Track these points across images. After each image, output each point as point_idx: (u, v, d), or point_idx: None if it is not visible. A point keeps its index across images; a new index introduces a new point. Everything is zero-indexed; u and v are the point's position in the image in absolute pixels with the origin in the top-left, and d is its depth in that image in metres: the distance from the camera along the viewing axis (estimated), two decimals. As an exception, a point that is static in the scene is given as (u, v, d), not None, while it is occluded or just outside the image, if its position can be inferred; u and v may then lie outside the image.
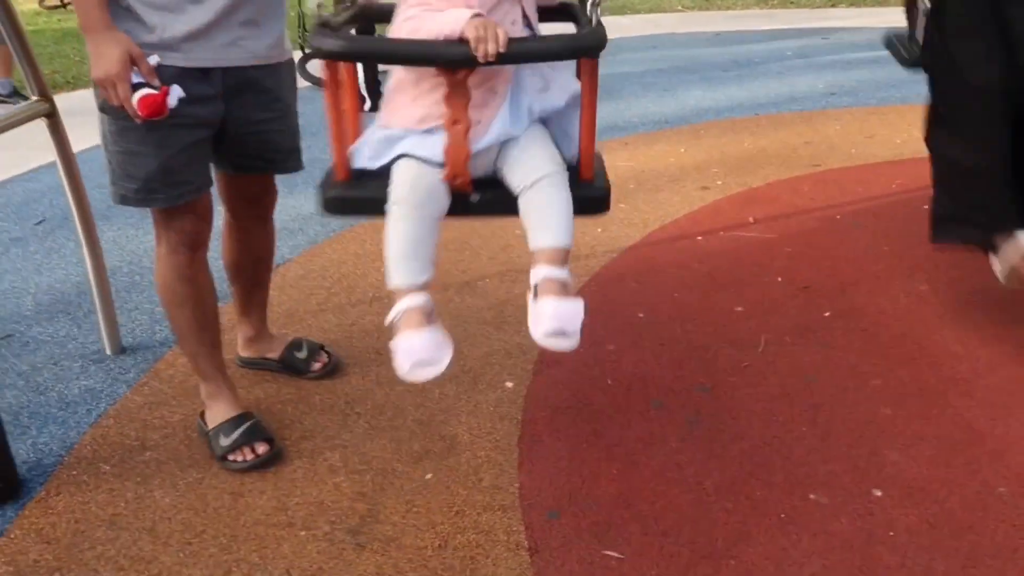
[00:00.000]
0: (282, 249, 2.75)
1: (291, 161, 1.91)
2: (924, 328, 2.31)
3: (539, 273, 1.35)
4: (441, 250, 2.94)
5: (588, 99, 1.36)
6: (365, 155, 1.46)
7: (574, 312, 1.34)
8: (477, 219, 1.83)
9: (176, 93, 1.54)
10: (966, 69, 2.03)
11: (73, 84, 6.21)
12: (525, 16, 1.44)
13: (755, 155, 3.91)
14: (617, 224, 3.10)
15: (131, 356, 2.28)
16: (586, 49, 1.33)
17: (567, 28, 1.52)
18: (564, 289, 1.34)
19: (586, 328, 2.33)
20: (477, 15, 1.27)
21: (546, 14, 1.54)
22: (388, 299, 2.53)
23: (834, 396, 2.02)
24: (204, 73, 1.63)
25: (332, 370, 2.14)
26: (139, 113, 1.50)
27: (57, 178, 2.09)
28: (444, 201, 1.40)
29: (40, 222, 3.34)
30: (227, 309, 2.16)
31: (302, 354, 2.13)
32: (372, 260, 2.88)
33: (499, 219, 2.41)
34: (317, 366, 2.12)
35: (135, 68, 1.51)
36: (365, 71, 1.65)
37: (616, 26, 8.01)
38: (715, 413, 1.97)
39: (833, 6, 9.21)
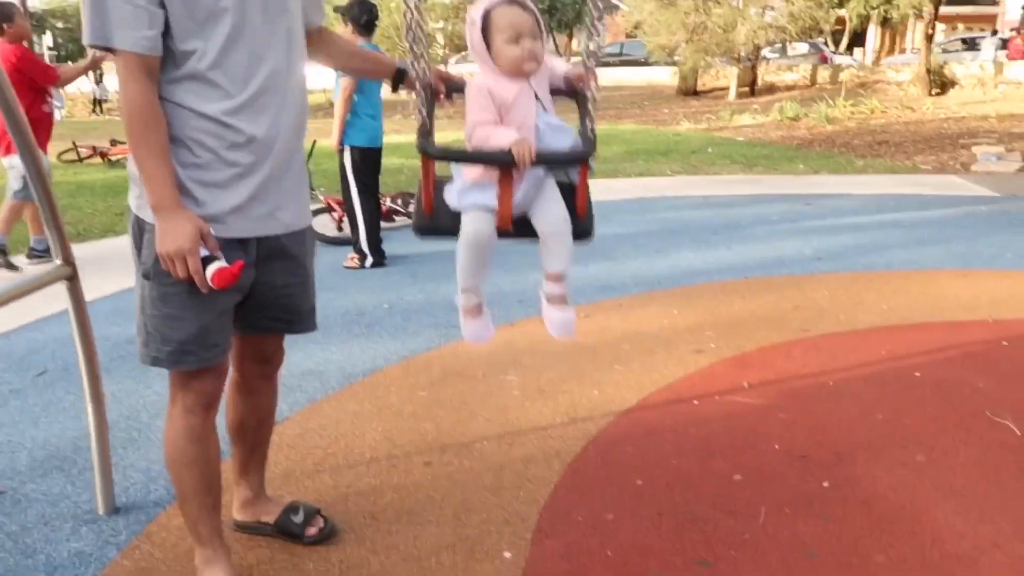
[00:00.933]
0: (281, 406, 2.74)
1: (308, 322, 1.98)
2: (923, 500, 2.31)
3: (548, 288, 2.03)
4: (440, 409, 2.97)
5: (583, 179, 1.96)
6: (452, 198, 1.97)
7: (571, 318, 2.07)
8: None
9: (218, 264, 1.63)
10: None
11: (83, 236, 6.42)
12: (540, 100, 1.92)
13: (746, 318, 4.01)
14: (613, 387, 3.14)
15: (123, 516, 2.24)
16: (582, 159, 1.93)
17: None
18: (564, 300, 2.04)
19: (585, 495, 2.32)
20: (519, 138, 1.80)
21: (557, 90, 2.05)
22: (384, 462, 2.53)
23: (837, 573, 1.99)
24: (242, 243, 1.73)
25: (327, 535, 2.11)
26: (212, 284, 1.60)
27: (60, 330, 2.15)
28: (494, 238, 1.94)
29: (41, 374, 3.37)
30: (224, 468, 2.15)
31: (298, 518, 2.10)
32: (369, 419, 2.89)
33: (499, 380, 2.44)
34: (313, 531, 2.09)
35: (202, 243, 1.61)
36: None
37: (609, 189, 8.42)
38: (717, 589, 1.93)
39: (815, 173, 9.71)
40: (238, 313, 1.82)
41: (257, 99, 1.66)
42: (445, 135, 2.23)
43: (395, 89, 2.07)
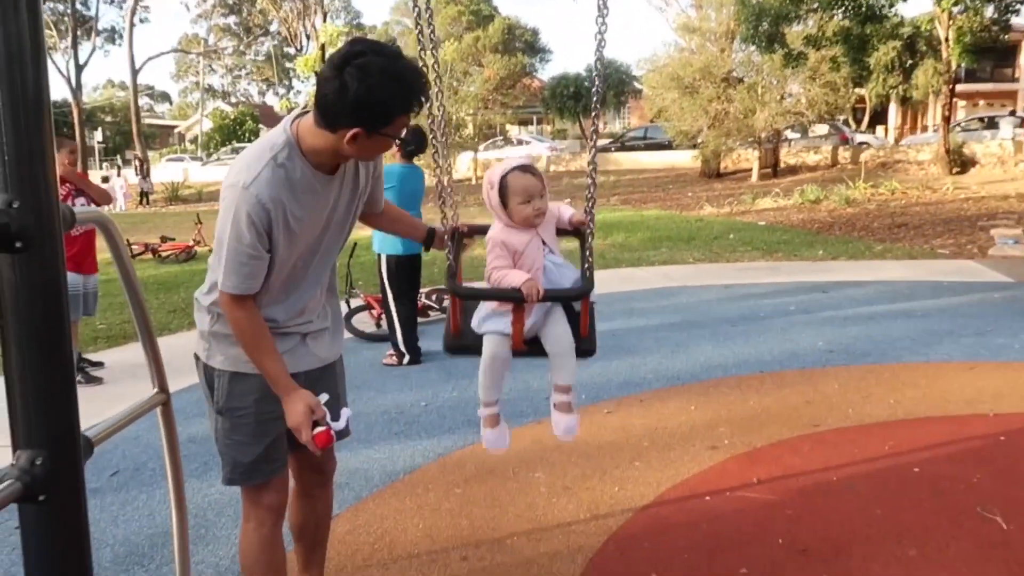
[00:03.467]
0: (332, 506, 3.08)
1: (345, 431, 2.33)
2: (913, 593, 2.55)
3: (556, 397, 2.40)
4: (474, 506, 3.27)
5: (584, 308, 2.31)
6: (475, 323, 2.34)
7: (575, 420, 2.42)
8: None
9: (346, 415, 2.09)
10: None
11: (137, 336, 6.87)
12: (546, 244, 2.31)
13: (759, 414, 4.29)
14: (633, 483, 3.43)
15: (199, 609, 2.56)
16: (583, 295, 2.28)
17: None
18: (570, 407, 2.41)
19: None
20: (528, 279, 2.18)
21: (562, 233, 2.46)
22: (424, 558, 2.82)
23: (829, 660, 2.23)
24: (292, 377, 2.10)
25: None
26: (316, 445, 1.99)
27: (127, 431, 2.49)
28: (510, 357, 2.33)
29: (114, 474, 3.74)
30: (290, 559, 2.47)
31: None
32: (410, 516, 3.20)
33: (528, 477, 2.77)
34: None
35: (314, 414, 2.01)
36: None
37: (632, 279, 8.79)
38: (721, 675, 2.18)
39: (833, 259, 10.01)
40: (290, 433, 2.18)
41: (296, 303, 2.09)
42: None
43: (427, 249, 2.48)
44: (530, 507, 3.25)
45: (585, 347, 2.35)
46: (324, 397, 2.07)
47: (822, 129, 25.92)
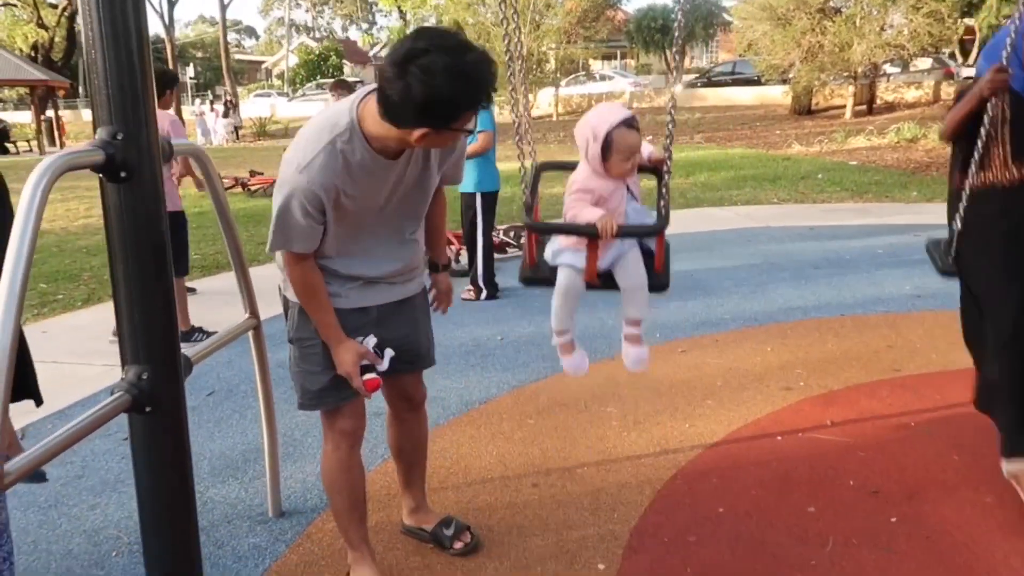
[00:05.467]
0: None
1: (426, 360, 2.43)
2: (986, 539, 2.52)
3: (627, 329, 2.49)
4: (546, 436, 3.36)
5: (659, 245, 2.38)
6: (548, 256, 2.46)
7: (645, 352, 2.51)
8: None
9: (388, 355, 2.18)
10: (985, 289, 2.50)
11: (229, 266, 7.18)
12: (630, 191, 2.40)
13: (838, 357, 4.23)
14: (704, 421, 3.46)
15: (288, 519, 2.76)
16: (657, 231, 2.34)
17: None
18: (639, 340, 2.50)
19: (672, 518, 2.67)
20: (604, 214, 2.25)
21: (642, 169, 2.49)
22: (497, 482, 2.94)
23: (893, 598, 2.25)
24: (364, 310, 2.20)
25: (472, 549, 2.52)
26: (366, 390, 2.12)
27: (220, 355, 2.67)
28: (582, 288, 2.42)
29: (210, 394, 3.99)
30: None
31: (449, 531, 2.55)
32: (484, 443, 3.32)
33: (599, 411, 2.82)
34: (459, 545, 2.53)
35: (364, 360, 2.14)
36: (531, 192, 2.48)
37: (713, 218, 8.64)
38: (783, 606, 2.24)
39: (928, 201, 9.57)
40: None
41: (367, 257, 2.17)
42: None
43: (432, 272, 2.50)
44: (600, 439, 3.33)
45: (658, 282, 2.40)
46: (372, 341, 2.17)
47: (925, 63, 24.46)
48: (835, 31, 19.53)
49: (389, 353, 2.21)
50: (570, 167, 2.51)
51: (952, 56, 25.94)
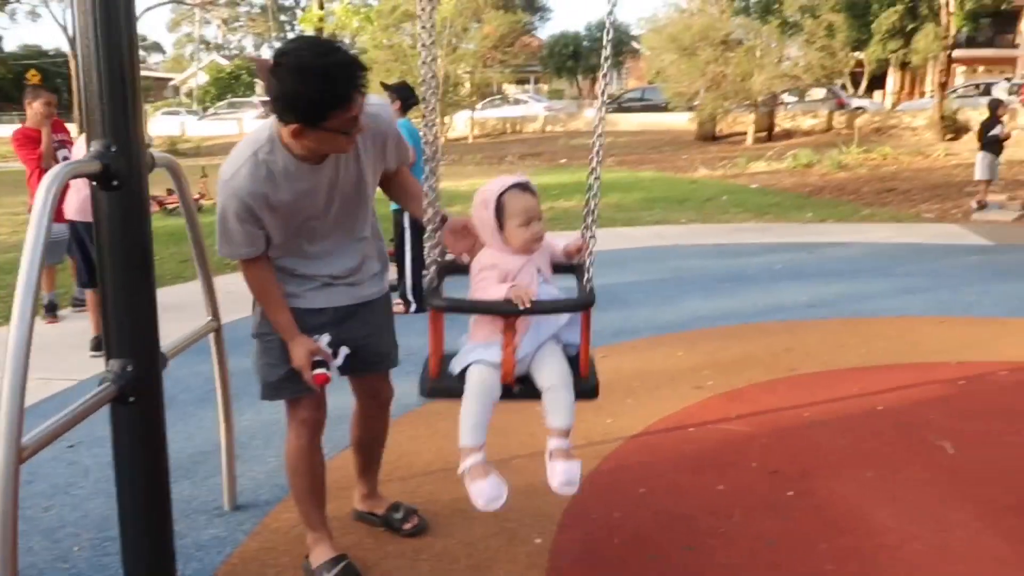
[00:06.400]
0: (355, 430, 3.43)
1: (389, 361, 2.66)
2: (867, 506, 2.92)
3: (552, 443, 2.11)
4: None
5: (585, 330, 2.06)
6: (454, 366, 2.16)
7: (576, 469, 2.09)
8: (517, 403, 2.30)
9: (344, 352, 2.36)
10: None
11: (170, 280, 7.15)
12: (541, 273, 2.17)
13: (742, 360, 4.65)
14: (624, 416, 3.79)
15: (244, 512, 2.93)
16: (582, 306, 2.07)
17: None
18: (568, 454, 2.11)
19: (599, 499, 2.96)
20: (513, 286, 2.02)
21: (557, 268, 2.26)
22: (439, 474, 3.17)
23: (790, 556, 2.61)
24: (321, 311, 2.41)
25: (420, 530, 2.76)
26: (315, 383, 2.29)
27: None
28: (498, 391, 2.10)
29: (151, 402, 4.08)
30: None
31: (399, 514, 2.78)
32: (425, 441, 3.56)
33: (530, 410, 3.12)
34: (408, 526, 2.76)
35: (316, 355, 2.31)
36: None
37: (626, 237, 9.11)
38: (697, 568, 2.56)
39: (822, 221, 10.33)
40: (352, 362, 2.48)
41: (322, 257, 2.37)
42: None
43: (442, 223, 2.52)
44: (532, 436, 3.60)
45: (585, 386, 2.11)
46: (326, 338, 2.36)
47: (819, 93, 26.05)
48: (737, 62, 20.68)
49: (344, 351, 2.40)
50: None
51: (844, 87, 27.71)
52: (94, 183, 1.95)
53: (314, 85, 1.97)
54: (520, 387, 2.11)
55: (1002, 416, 3.74)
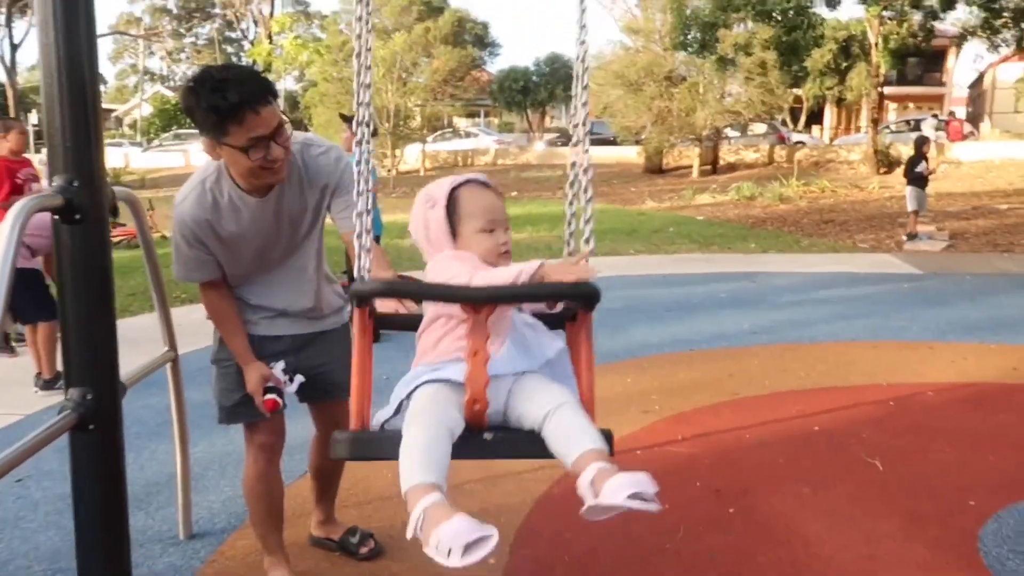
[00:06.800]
0: (310, 458, 3.48)
1: (346, 391, 2.72)
2: (802, 519, 3.08)
3: (591, 471, 1.41)
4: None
5: (587, 351, 1.65)
6: (390, 409, 1.60)
7: (645, 479, 1.40)
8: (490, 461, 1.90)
9: (298, 380, 2.43)
10: None
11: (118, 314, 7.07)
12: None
13: (687, 385, 4.82)
14: (574, 440, 3.90)
15: (200, 540, 2.95)
16: (584, 295, 1.54)
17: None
18: (616, 469, 1.41)
19: (549, 520, 3.05)
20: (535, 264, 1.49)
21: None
22: (395, 499, 3.23)
23: (731, 568, 2.74)
24: (278, 338, 2.49)
25: (376, 554, 2.81)
26: (265, 409, 2.36)
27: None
28: (459, 421, 1.47)
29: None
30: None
31: (355, 539, 2.83)
32: (381, 466, 3.56)
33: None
34: (365, 550, 2.81)
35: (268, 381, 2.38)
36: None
37: (577, 268, 9.28)
38: (644, 582, 2.68)
39: (764, 252, 10.69)
40: (301, 388, 2.55)
41: (274, 289, 2.46)
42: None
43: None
44: (484, 461, 3.69)
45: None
46: (280, 366, 2.43)
47: (760, 128, 26.92)
48: (681, 97, 21.30)
49: (299, 379, 2.48)
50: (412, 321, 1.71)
51: (784, 123, 28.69)
52: (55, 216, 2.00)
53: (206, 96, 2.07)
54: (496, 434, 1.52)
55: (928, 433, 3.95)
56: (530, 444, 1.53)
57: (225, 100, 2.06)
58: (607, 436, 1.54)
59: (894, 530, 2.96)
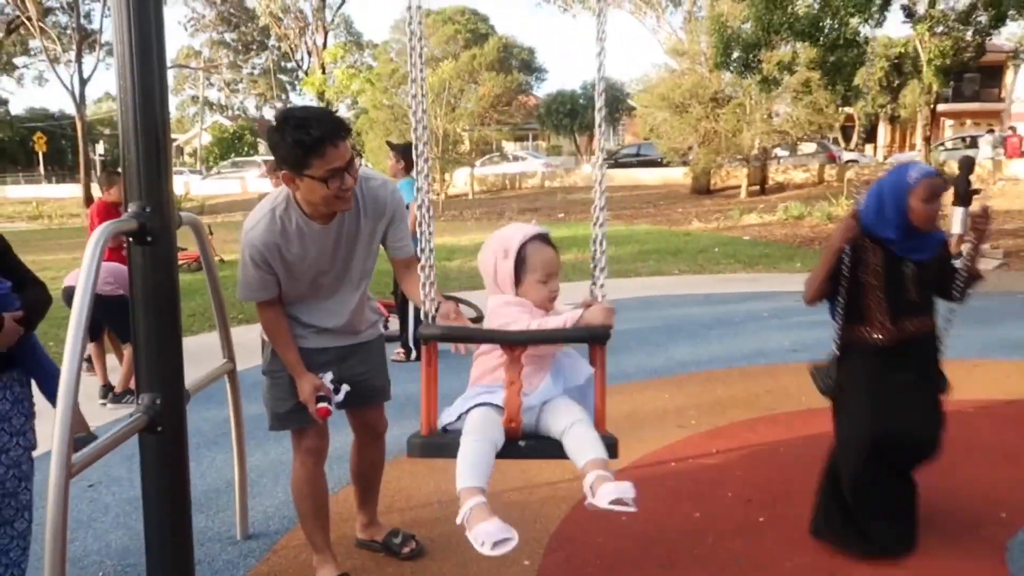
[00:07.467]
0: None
1: (383, 395, 2.92)
2: (832, 530, 3.15)
3: (591, 476, 1.79)
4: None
5: (600, 375, 1.97)
6: (449, 416, 2.03)
7: (628, 487, 1.76)
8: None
9: (344, 390, 2.64)
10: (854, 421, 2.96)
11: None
12: None
13: (724, 401, 4.90)
14: (610, 452, 4.03)
15: (255, 541, 3.16)
16: (596, 337, 1.92)
17: None
18: (614, 477, 1.81)
19: (583, 526, 3.18)
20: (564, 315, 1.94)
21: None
22: (435, 506, 3.40)
23: (756, 572, 2.84)
24: (324, 350, 2.70)
25: (418, 554, 2.99)
26: (319, 416, 2.57)
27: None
28: (501, 436, 1.90)
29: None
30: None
31: (398, 540, 3.01)
32: (423, 477, 3.79)
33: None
34: (407, 550, 2.99)
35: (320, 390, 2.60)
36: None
37: (620, 288, 9.41)
38: (672, 584, 2.79)
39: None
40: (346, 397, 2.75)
41: (325, 309, 2.68)
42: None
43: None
44: (523, 471, 3.85)
45: (607, 442, 1.90)
46: (329, 376, 2.65)
47: (810, 147, 26.65)
48: (727, 118, 21.27)
49: (345, 388, 2.69)
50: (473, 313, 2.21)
51: (835, 141, 28.36)
52: (130, 239, 2.24)
53: (291, 133, 2.31)
54: (528, 442, 1.93)
55: (963, 448, 3.95)
56: (554, 449, 1.94)
57: (309, 135, 2.30)
58: (612, 441, 1.93)
59: (921, 539, 3.02)
